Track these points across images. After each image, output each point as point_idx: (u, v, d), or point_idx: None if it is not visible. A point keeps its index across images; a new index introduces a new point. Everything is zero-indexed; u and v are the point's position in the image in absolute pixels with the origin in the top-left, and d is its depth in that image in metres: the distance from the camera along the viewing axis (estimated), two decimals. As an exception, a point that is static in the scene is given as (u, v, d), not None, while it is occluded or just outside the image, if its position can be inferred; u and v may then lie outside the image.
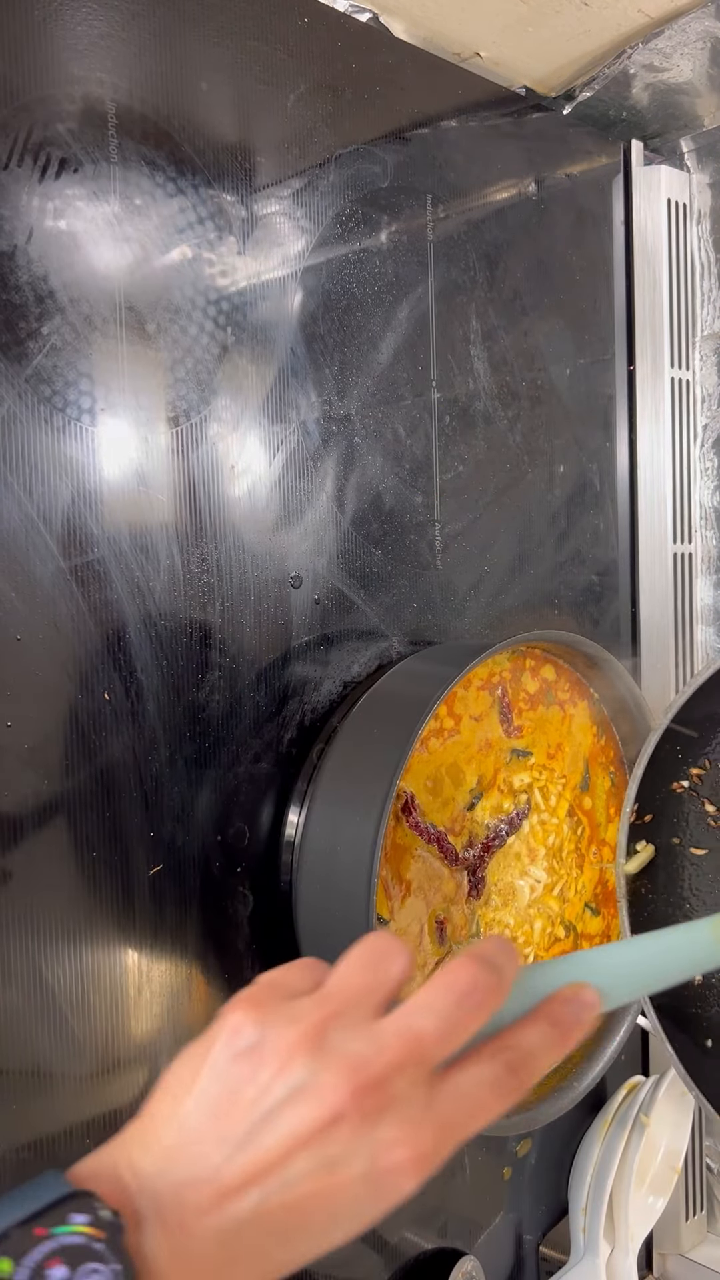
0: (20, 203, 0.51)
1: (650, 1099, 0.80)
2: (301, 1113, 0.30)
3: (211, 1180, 0.30)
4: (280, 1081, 0.30)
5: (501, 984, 0.33)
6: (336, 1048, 0.31)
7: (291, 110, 0.63)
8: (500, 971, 0.33)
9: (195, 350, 0.59)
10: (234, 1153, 0.30)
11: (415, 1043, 0.31)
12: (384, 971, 0.33)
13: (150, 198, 0.56)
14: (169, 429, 0.57)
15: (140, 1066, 0.56)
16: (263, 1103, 0.30)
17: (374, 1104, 0.30)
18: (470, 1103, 0.32)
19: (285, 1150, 0.30)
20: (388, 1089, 0.30)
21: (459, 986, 0.32)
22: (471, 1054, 0.33)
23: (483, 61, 0.76)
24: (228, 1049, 0.32)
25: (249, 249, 0.61)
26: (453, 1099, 0.32)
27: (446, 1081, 0.32)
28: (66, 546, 0.53)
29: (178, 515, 0.58)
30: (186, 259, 0.58)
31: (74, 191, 0.53)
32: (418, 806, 0.63)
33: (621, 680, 0.73)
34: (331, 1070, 0.30)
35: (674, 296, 0.86)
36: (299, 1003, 0.33)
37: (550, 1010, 0.35)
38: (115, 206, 0.55)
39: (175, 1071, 0.33)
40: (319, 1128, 0.30)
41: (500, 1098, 0.33)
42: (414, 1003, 0.32)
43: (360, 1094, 0.30)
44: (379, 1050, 0.31)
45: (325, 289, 0.65)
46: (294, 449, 0.64)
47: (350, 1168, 0.30)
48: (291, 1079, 0.30)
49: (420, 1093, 0.31)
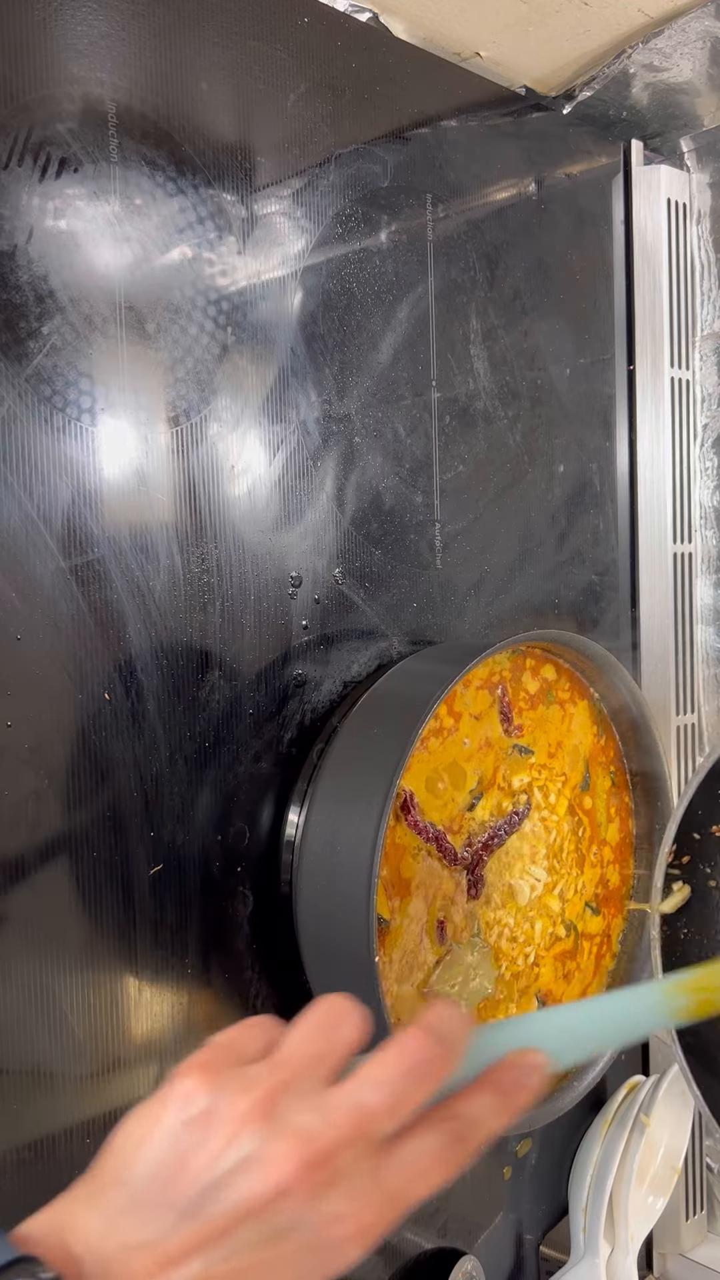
0: (20, 203, 0.51)
1: (650, 1099, 0.80)
2: (250, 1183, 0.30)
3: (157, 1246, 0.30)
4: (230, 1150, 0.31)
5: (450, 1056, 0.33)
6: (286, 1119, 0.31)
7: (291, 110, 0.63)
8: (449, 1043, 0.33)
9: (195, 350, 0.59)
10: (180, 1220, 0.30)
11: (363, 1118, 0.32)
12: (336, 1037, 0.34)
13: (150, 198, 0.56)
14: (169, 429, 0.57)
15: (140, 1066, 0.56)
16: (212, 1170, 0.30)
17: (321, 1178, 0.30)
18: (415, 1173, 0.32)
19: (232, 1220, 0.30)
20: (335, 1163, 0.31)
21: (407, 1059, 0.33)
22: (418, 1121, 0.33)
23: (483, 61, 0.76)
24: (179, 1114, 0.32)
25: (249, 249, 0.61)
26: (398, 1170, 0.32)
27: (393, 1152, 0.32)
28: (66, 546, 0.53)
29: (178, 515, 0.58)
30: (186, 259, 0.58)
31: (74, 191, 0.53)
32: (416, 805, 0.63)
33: (621, 680, 0.73)
34: (281, 1142, 0.31)
35: (674, 296, 0.86)
36: (250, 1070, 0.33)
37: (496, 1077, 0.35)
38: (115, 206, 0.55)
39: (125, 1131, 0.33)
40: (266, 1199, 0.30)
41: (445, 1167, 0.33)
42: (364, 1075, 0.33)
43: (308, 1168, 0.30)
44: (328, 1124, 0.31)
45: (325, 289, 0.65)
46: (294, 449, 0.64)
47: (295, 1239, 0.30)
48: (241, 1148, 0.31)
49: (366, 1165, 0.31)
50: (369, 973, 0.55)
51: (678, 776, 0.86)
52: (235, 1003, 0.60)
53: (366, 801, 0.57)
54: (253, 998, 0.61)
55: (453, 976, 0.65)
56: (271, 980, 0.62)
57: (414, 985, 0.63)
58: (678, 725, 0.86)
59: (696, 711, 0.88)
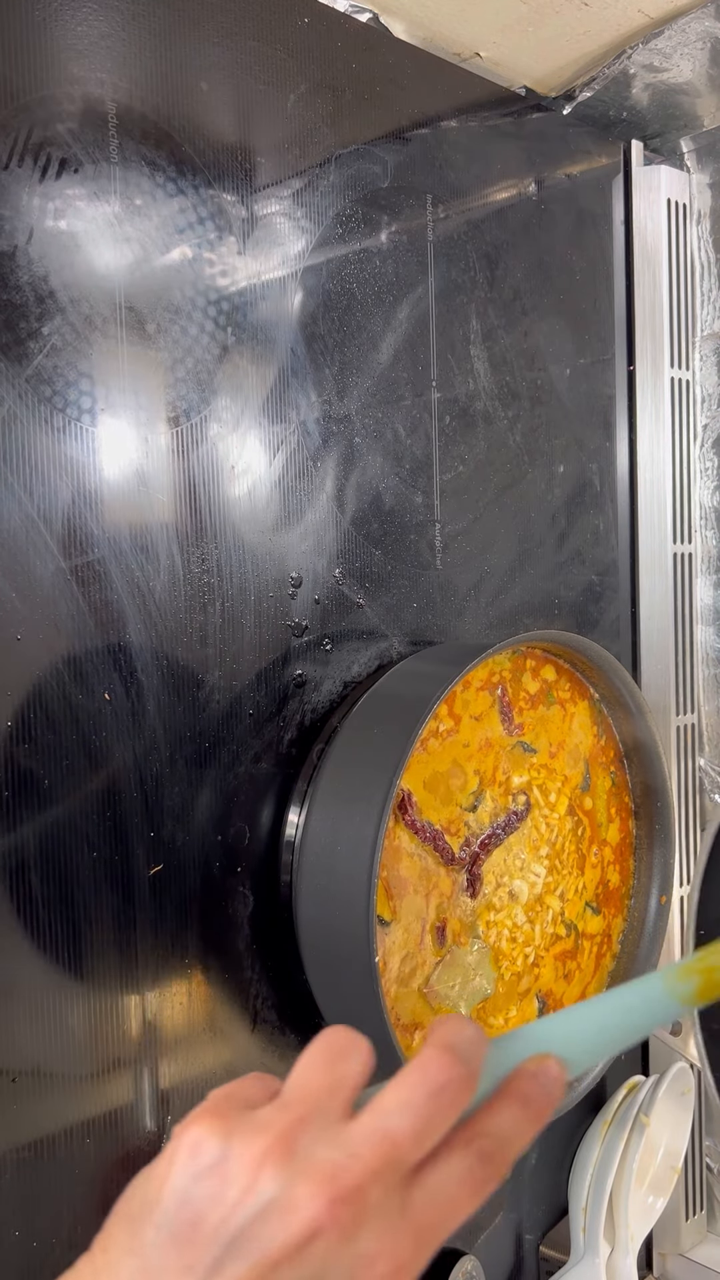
0: (20, 203, 0.51)
1: (650, 1099, 0.80)
2: (274, 1231, 0.28)
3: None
4: (250, 1199, 0.28)
5: (473, 1074, 0.31)
6: (308, 1156, 0.29)
7: (291, 110, 0.63)
8: (470, 1061, 0.31)
9: (195, 351, 0.59)
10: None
11: (390, 1146, 0.29)
12: (344, 1070, 0.31)
13: (150, 198, 0.56)
14: (169, 429, 0.57)
15: (140, 1066, 0.56)
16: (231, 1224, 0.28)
17: (351, 1215, 0.28)
18: (447, 1201, 0.30)
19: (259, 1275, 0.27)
20: (365, 1198, 0.28)
21: (431, 1082, 0.30)
22: (443, 1146, 0.31)
23: (483, 61, 0.76)
24: (189, 1168, 0.29)
25: (249, 249, 0.61)
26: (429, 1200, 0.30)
27: (421, 1182, 0.30)
28: (67, 546, 0.53)
29: (178, 515, 0.58)
30: (187, 259, 0.58)
31: (74, 191, 0.53)
32: (414, 804, 0.63)
33: (621, 680, 0.73)
34: (305, 1181, 0.28)
35: (674, 296, 0.86)
36: (260, 1112, 0.30)
37: (519, 1088, 0.32)
38: (115, 207, 0.55)
39: (131, 1196, 0.30)
40: (295, 1246, 0.27)
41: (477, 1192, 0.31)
42: (385, 1102, 0.30)
43: (337, 1205, 0.28)
44: (353, 1156, 0.29)
45: (325, 289, 0.65)
46: (294, 449, 0.64)
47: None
48: (262, 1194, 0.28)
49: (396, 1198, 0.29)
50: (369, 973, 0.55)
51: (678, 777, 0.86)
52: (235, 1003, 0.60)
53: (366, 802, 0.57)
54: (253, 998, 0.61)
55: (452, 976, 0.65)
56: (271, 980, 0.62)
57: (414, 985, 0.63)
58: (678, 725, 0.86)
59: (696, 711, 0.88)
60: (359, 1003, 0.57)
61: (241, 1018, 0.61)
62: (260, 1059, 0.62)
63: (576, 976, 0.74)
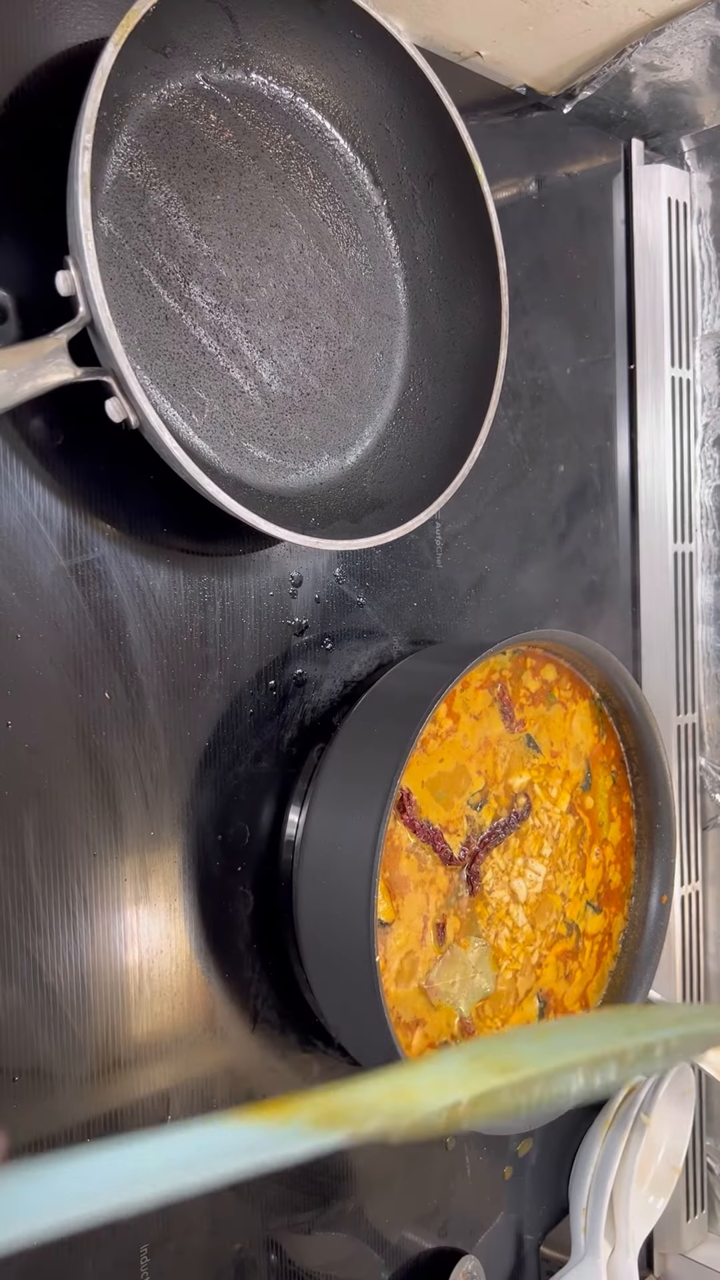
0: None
1: (651, 1099, 0.80)
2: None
3: None
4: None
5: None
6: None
7: (291, 109, 0.63)
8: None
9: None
10: None
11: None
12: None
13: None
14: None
15: (140, 1066, 0.56)
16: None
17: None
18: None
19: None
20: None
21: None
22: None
23: (483, 61, 0.76)
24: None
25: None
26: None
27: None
28: (67, 546, 0.53)
29: (178, 514, 0.58)
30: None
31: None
32: (414, 803, 0.63)
33: (622, 680, 0.73)
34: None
35: (674, 295, 0.85)
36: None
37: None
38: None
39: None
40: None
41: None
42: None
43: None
44: None
45: (325, 288, 0.65)
46: (294, 448, 0.63)
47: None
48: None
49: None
50: (369, 973, 0.55)
51: (678, 777, 0.86)
52: (235, 1003, 0.60)
53: (367, 801, 0.57)
54: (253, 998, 0.61)
55: (452, 974, 0.65)
56: (271, 980, 0.62)
57: (414, 985, 0.63)
58: (678, 725, 0.86)
59: (697, 711, 0.88)
60: (360, 1002, 0.57)
61: (242, 1017, 0.61)
62: (261, 1059, 0.62)
63: (578, 976, 0.74)
